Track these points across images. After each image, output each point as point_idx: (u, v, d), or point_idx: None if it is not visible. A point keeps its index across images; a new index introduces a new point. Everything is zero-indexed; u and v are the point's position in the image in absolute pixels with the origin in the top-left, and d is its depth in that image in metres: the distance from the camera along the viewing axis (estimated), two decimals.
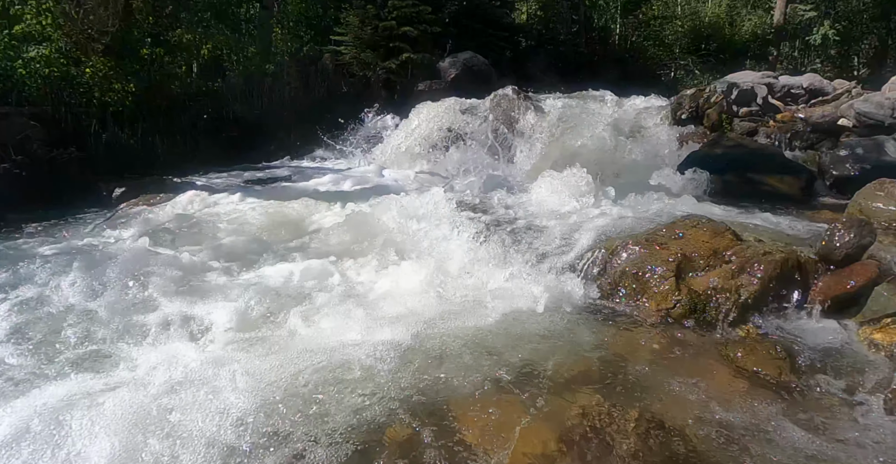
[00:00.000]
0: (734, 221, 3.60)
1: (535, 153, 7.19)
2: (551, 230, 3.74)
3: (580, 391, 2.30)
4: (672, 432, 2.03)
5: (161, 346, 2.70)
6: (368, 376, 2.41)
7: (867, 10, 14.89)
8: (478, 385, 2.36)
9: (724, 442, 2.02)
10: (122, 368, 2.50)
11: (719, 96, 6.90)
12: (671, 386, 2.35)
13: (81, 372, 2.47)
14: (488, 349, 2.65)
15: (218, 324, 2.88)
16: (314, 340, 2.71)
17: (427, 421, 2.13)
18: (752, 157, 5.78)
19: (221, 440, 2.00)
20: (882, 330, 2.70)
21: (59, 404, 2.17)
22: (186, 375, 2.37)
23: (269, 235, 4.32)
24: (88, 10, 7.19)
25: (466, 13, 11.76)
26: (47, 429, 2.04)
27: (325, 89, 9.93)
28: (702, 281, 3.04)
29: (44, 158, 5.91)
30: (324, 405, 2.21)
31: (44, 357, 2.63)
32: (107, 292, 3.16)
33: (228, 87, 9.14)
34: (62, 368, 2.53)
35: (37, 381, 2.42)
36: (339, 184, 6.43)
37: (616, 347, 2.68)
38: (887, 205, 3.86)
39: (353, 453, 1.97)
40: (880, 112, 6.17)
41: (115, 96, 7.42)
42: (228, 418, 2.09)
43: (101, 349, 2.68)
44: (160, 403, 2.16)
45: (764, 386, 2.36)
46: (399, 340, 2.69)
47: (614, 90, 9.05)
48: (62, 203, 5.55)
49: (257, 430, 2.06)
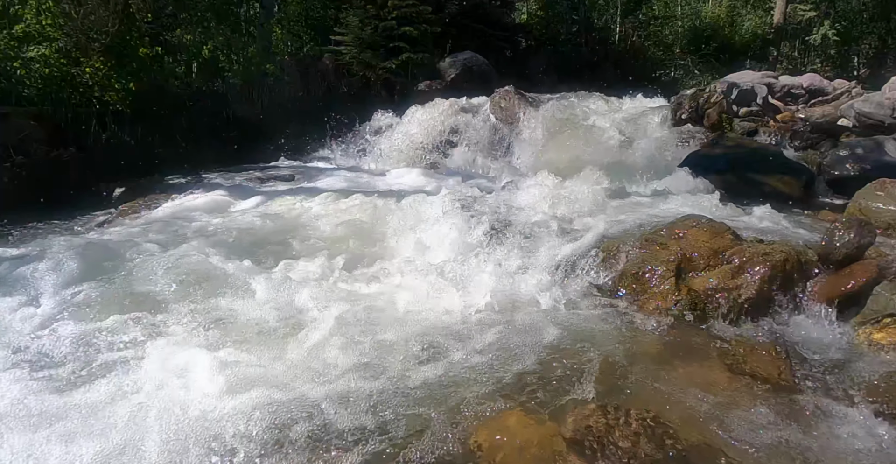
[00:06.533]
0: (734, 221, 3.60)
1: (534, 153, 7.19)
2: (551, 230, 3.74)
3: (580, 391, 2.30)
4: (672, 431, 2.03)
5: (162, 345, 2.70)
6: (368, 376, 2.41)
7: (867, 10, 14.90)
8: (477, 385, 2.36)
9: (724, 442, 2.02)
10: (120, 376, 2.47)
11: (719, 96, 6.90)
12: (671, 386, 2.35)
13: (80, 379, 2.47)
14: (487, 349, 2.65)
15: (219, 324, 2.89)
16: (312, 341, 2.71)
17: (425, 420, 2.13)
18: (752, 157, 5.78)
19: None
20: (882, 330, 2.71)
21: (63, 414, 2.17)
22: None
23: (268, 235, 4.31)
24: (88, 10, 7.18)
25: (466, 13, 11.76)
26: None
27: (325, 89, 9.92)
28: (702, 281, 3.04)
29: (44, 158, 5.90)
30: (324, 404, 2.21)
31: (44, 358, 2.62)
32: (107, 293, 3.16)
33: (228, 87, 9.13)
34: (62, 367, 2.53)
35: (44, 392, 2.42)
36: (339, 184, 6.42)
37: (616, 346, 2.68)
38: (887, 205, 3.87)
39: (351, 452, 1.97)
40: (880, 112, 6.18)
41: (115, 96, 7.41)
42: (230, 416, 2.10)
43: (99, 355, 2.67)
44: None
45: (764, 386, 2.36)
46: (398, 341, 2.69)
47: (614, 90, 9.07)
48: (62, 203, 5.54)
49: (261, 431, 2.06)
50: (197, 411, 2.14)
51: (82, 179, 6.09)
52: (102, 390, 2.30)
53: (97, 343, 2.72)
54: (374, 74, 10.33)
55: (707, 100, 6.87)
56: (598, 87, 9.40)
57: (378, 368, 2.47)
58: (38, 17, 7.18)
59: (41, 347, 2.69)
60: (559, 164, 5.96)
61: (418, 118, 8.20)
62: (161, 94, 8.05)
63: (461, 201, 4.32)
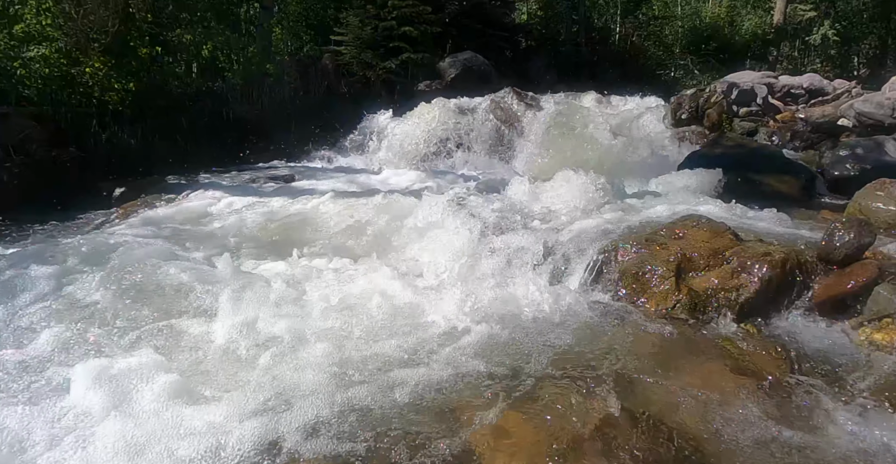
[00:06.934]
0: (734, 221, 3.59)
1: (534, 153, 7.19)
2: (551, 230, 3.74)
3: (579, 391, 2.30)
4: (671, 431, 2.03)
5: (159, 346, 2.70)
6: (366, 376, 2.41)
7: (867, 10, 14.90)
8: (476, 385, 2.36)
9: (724, 442, 2.02)
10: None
11: (719, 96, 6.91)
12: (671, 385, 2.34)
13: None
14: (486, 349, 2.65)
15: (220, 324, 2.88)
16: (310, 341, 2.71)
17: (426, 420, 2.14)
18: (752, 157, 5.78)
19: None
20: (882, 330, 2.70)
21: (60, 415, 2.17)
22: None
23: (268, 236, 4.32)
24: (88, 10, 7.18)
25: (466, 13, 11.76)
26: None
27: (325, 89, 9.93)
28: (702, 281, 3.03)
29: (44, 158, 5.91)
30: (322, 405, 2.21)
31: (45, 358, 2.62)
32: (107, 293, 3.16)
33: (228, 87, 9.14)
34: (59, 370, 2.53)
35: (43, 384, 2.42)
36: (339, 184, 6.43)
37: (616, 346, 2.68)
38: (887, 205, 3.86)
39: (349, 451, 1.97)
40: (880, 112, 6.18)
41: (115, 96, 7.41)
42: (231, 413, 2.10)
43: (103, 350, 2.68)
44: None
45: (764, 386, 2.36)
46: (397, 341, 2.69)
47: (614, 90, 9.08)
48: (62, 203, 5.54)
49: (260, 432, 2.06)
50: (199, 410, 2.15)
51: (82, 179, 6.09)
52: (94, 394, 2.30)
53: (92, 344, 2.72)
54: (374, 74, 10.34)
55: (707, 100, 6.88)
56: (597, 88, 9.40)
57: (378, 368, 2.47)
58: (38, 18, 7.19)
59: (43, 348, 2.69)
60: (559, 164, 5.97)
61: (418, 118, 8.21)
62: (161, 95, 8.06)
63: (461, 202, 4.32)
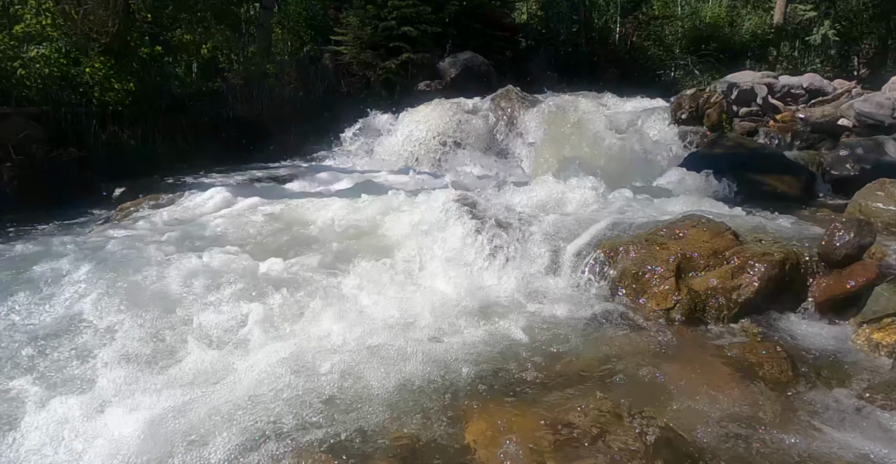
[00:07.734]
0: (734, 221, 3.59)
1: (534, 153, 7.19)
2: (551, 230, 3.74)
3: (579, 391, 2.30)
4: (671, 431, 2.03)
5: (161, 346, 2.70)
6: (366, 377, 2.41)
7: (867, 10, 14.87)
8: (476, 385, 2.36)
9: (724, 442, 2.02)
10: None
11: (719, 96, 6.91)
12: (670, 385, 2.35)
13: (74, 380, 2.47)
14: (486, 349, 2.65)
15: (220, 324, 2.88)
16: (308, 340, 2.71)
17: (427, 420, 2.14)
18: (752, 157, 5.78)
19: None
20: (882, 330, 2.70)
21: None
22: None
23: (268, 236, 4.31)
24: (88, 10, 7.19)
25: (466, 13, 11.74)
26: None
27: (325, 89, 9.93)
28: (702, 281, 3.04)
29: (44, 158, 5.91)
30: (318, 404, 2.22)
31: (46, 359, 2.62)
32: (107, 293, 3.15)
33: (228, 87, 9.14)
34: (59, 371, 2.53)
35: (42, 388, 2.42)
36: (340, 184, 6.42)
37: (615, 346, 2.68)
38: (887, 205, 3.87)
39: (345, 450, 1.97)
40: (880, 112, 6.18)
41: (115, 96, 7.42)
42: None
43: (102, 350, 2.67)
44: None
45: (764, 386, 2.36)
46: (396, 341, 2.68)
47: (614, 90, 9.07)
48: (62, 203, 5.55)
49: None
50: (198, 409, 2.15)
51: (82, 179, 6.10)
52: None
53: (92, 345, 2.72)
54: (374, 74, 10.33)
55: (707, 100, 6.88)
56: (597, 87, 9.41)
57: (376, 367, 2.46)
58: (38, 18, 7.20)
59: (44, 348, 2.69)
60: (559, 164, 5.97)
61: (418, 118, 8.21)
62: (161, 95, 8.06)
63: (461, 202, 4.31)
